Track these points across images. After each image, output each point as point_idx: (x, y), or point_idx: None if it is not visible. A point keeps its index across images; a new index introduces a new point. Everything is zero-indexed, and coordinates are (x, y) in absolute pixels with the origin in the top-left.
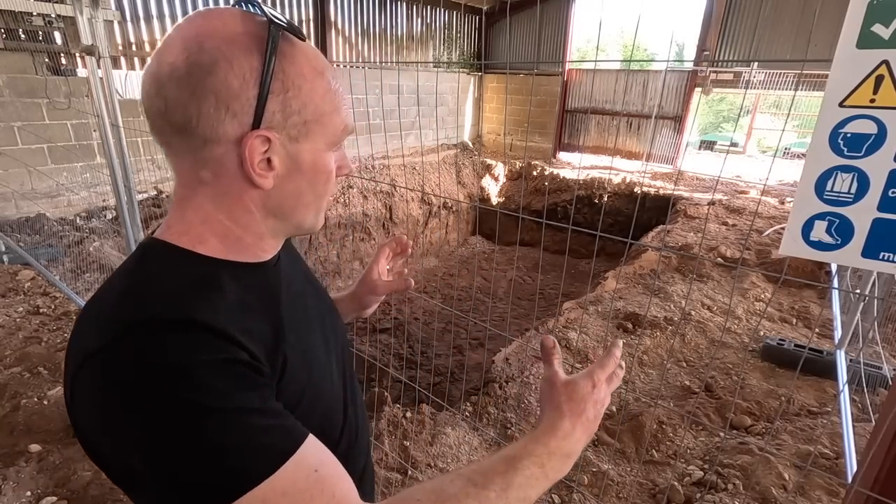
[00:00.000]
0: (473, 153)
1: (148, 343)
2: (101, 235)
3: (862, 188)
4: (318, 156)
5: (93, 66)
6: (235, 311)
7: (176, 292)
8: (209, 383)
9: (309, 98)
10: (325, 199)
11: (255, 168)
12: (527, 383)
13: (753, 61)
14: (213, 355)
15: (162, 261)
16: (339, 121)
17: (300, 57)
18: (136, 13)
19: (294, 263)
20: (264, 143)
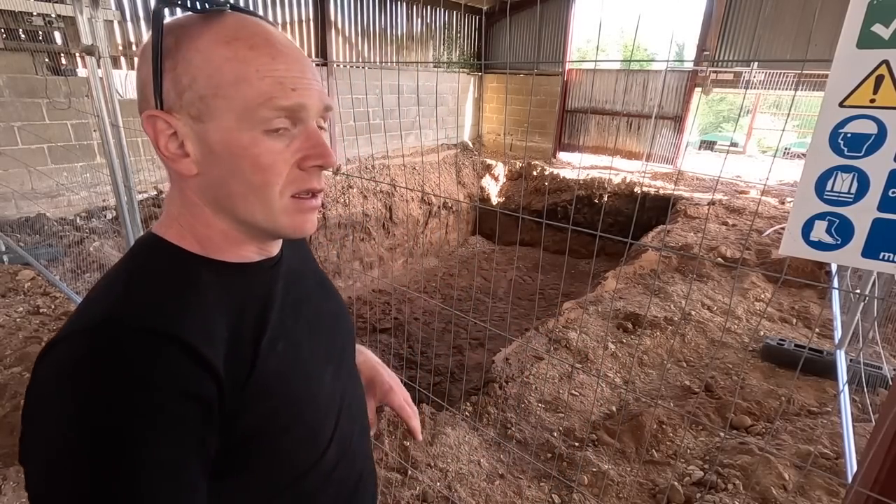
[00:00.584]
0: (473, 153)
1: (107, 344)
2: (101, 235)
3: (862, 188)
4: (230, 136)
5: (93, 66)
6: (209, 316)
7: (151, 293)
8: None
9: (200, 70)
10: (270, 193)
11: (165, 152)
12: (527, 383)
13: (753, 61)
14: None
15: (148, 255)
16: (253, 93)
17: (205, 30)
18: (136, 13)
19: (304, 264)
20: (167, 126)
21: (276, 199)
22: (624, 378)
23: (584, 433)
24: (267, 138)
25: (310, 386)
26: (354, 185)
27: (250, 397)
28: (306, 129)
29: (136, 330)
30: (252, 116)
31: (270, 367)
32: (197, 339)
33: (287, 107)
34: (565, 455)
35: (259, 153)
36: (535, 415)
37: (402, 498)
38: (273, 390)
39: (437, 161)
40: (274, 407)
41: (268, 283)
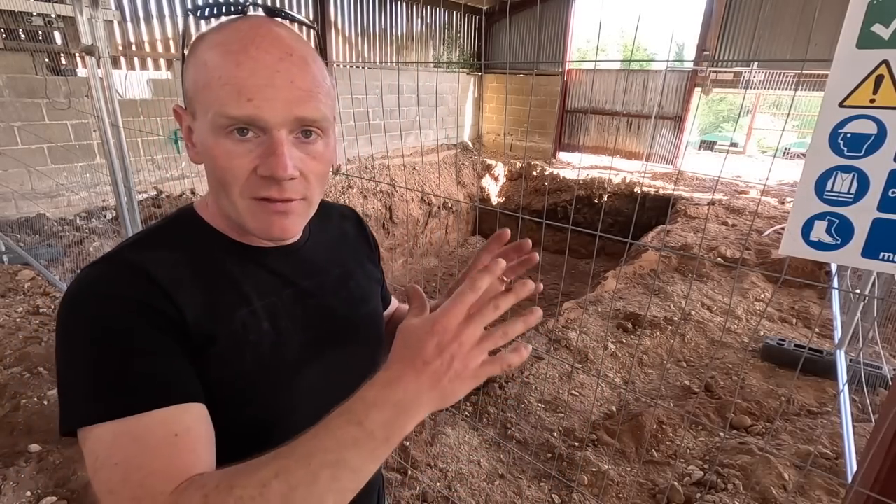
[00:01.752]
0: (473, 153)
1: (90, 272)
2: (101, 235)
3: (862, 188)
4: (204, 136)
5: (93, 66)
6: (189, 274)
7: (149, 241)
8: (109, 315)
9: (189, 73)
10: (230, 192)
11: (185, 140)
12: (527, 383)
13: (753, 61)
14: (130, 292)
15: (174, 221)
16: (212, 99)
17: (211, 34)
18: (136, 13)
19: (332, 261)
20: (183, 119)
21: (237, 199)
22: (624, 378)
23: (584, 433)
24: (227, 141)
25: (282, 371)
26: (354, 184)
27: (215, 357)
28: (271, 138)
29: (117, 261)
30: (214, 121)
31: (245, 338)
32: (164, 278)
33: (237, 117)
34: (565, 455)
35: (217, 155)
36: (535, 415)
37: (402, 498)
38: (239, 359)
39: (437, 161)
40: (228, 378)
41: (272, 268)
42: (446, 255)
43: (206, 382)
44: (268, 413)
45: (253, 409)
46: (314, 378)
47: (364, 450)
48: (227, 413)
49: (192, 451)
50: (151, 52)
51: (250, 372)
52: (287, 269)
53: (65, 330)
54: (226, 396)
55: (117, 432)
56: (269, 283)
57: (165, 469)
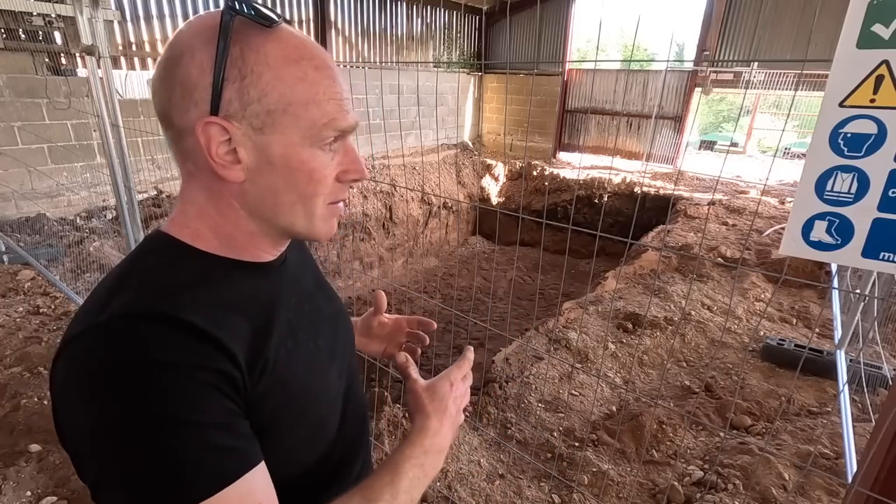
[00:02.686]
0: (473, 153)
1: (122, 335)
2: (101, 235)
3: (862, 188)
4: (292, 150)
5: (93, 66)
6: (222, 309)
7: (164, 286)
8: (174, 389)
9: (271, 86)
10: (317, 202)
11: (215, 158)
12: (527, 383)
13: (753, 61)
14: (188, 358)
15: (160, 253)
16: (319, 114)
17: (269, 44)
18: (136, 13)
19: (304, 265)
20: (222, 133)
21: (320, 207)
22: (624, 378)
23: (584, 433)
24: (322, 154)
25: (317, 384)
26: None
27: (264, 393)
28: (345, 145)
29: (148, 318)
30: (316, 135)
31: (281, 364)
32: (207, 323)
33: (345, 128)
34: (565, 455)
35: (315, 167)
36: (535, 415)
37: None
38: (283, 387)
39: (437, 161)
40: (282, 404)
41: (276, 283)
42: (446, 255)
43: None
44: (317, 424)
45: (305, 426)
46: (336, 378)
47: (423, 486)
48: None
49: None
50: (151, 52)
51: (295, 394)
52: (286, 281)
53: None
54: (281, 425)
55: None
56: (281, 298)
57: None
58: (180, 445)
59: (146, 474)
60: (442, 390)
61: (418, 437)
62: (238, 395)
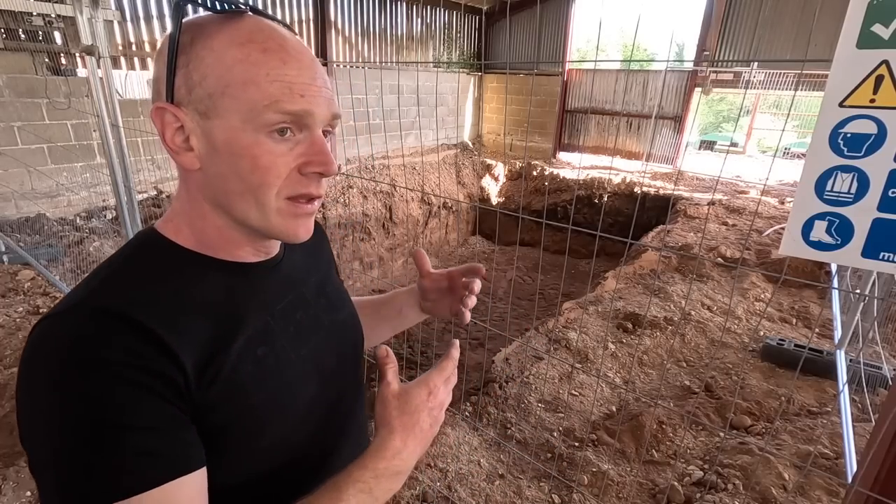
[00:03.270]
0: (473, 153)
1: (69, 327)
2: (101, 235)
3: (862, 188)
4: (233, 135)
5: (93, 66)
6: (183, 309)
7: (127, 282)
8: (103, 389)
9: (211, 69)
10: (266, 193)
11: (170, 144)
12: (527, 383)
13: (753, 61)
14: (125, 358)
15: (140, 248)
16: (260, 95)
17: (218, 29)
18: (136, 13)
19: (309, 270)
20: (175, 120)
21: (272, 200)
22: (624, 378)
23: (583, 433)
24: (269, 140)
25: (285, 395)
26: (354, 185)
27: (218, 396)
28: (311, 136)
29: (96, 311)
30: (256, 118)
31: (244, 369)
32: (156, 323)
33: (293, 111)
34: (565, 455)
35: (258, 154)
36: (535, 415)
37: (402, 498)
38: (241, 395)
39: (437, 161)
40: (239, 412)
41: (259, 285)
42: (446, 255)
43: (213, 425)
44: (282, 436)
45: (266, 437)
46: (315, 390)
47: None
48: (241, 446)
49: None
50: (151, 52)
51: (256, 404)
52: (274, 285)
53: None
54: (237, 433)
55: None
56: (260, 302)
57: None
58: (99, 446)
59: (65, 469)
60: (416, 400)
61: (372, 458)
62: (180, 399)
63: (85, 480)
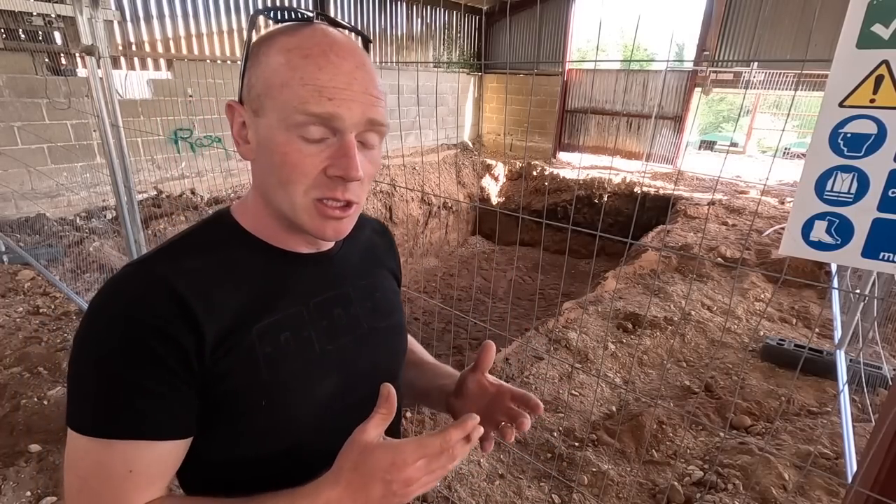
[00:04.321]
0: (473, 153)
1: (119, 280)
2: (101, 235)
3: (862, 188)
4: (271, 132)
5: (93, 66)
6: (220, 282)
7: (179, 249)
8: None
9: (261, 72)
10: (294, 190)
11: (235, 136)
12: (527, 383)
13: (753, 61)
14: (153, 317)
15: (209, 223)
16: (291, 97)
17: (279, 37)
18: (136, 13)
19: (364, 272)
20: (238, 115)
21: (299, 197)
22: (624, 378)
23: (584, 433)
24: (299, 140)
25: (300, 382)
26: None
27: (230, 367)
28: (341, 140)
29: (146, 270)
30: (288, 118)
31: (262, 349)
32: (190, 292)
33: (318, 113)
34: (565, 455)
35: (288, 152)
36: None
37: None
38: (252, 373)
39: (437, 161)
40: (245, 389)
41: (300, 275)
42: (446, 255)
43: (221, 394)
44: (285, 422)
45: (266, 418)
46: (333, 388)
47: None
48: (241, 422)
49: (142, 489)
50: (151, 52)
51: (264, 383)
52: (317, 278)
53: (83, 330)
54: (239, 407)
55: (88, 448)
56: (298, 291)
57: (111, 499)
58: (98, 381)
59: (71, 386)
60: (373, 464)
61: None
62: (186, 368)
63: (79, 405)
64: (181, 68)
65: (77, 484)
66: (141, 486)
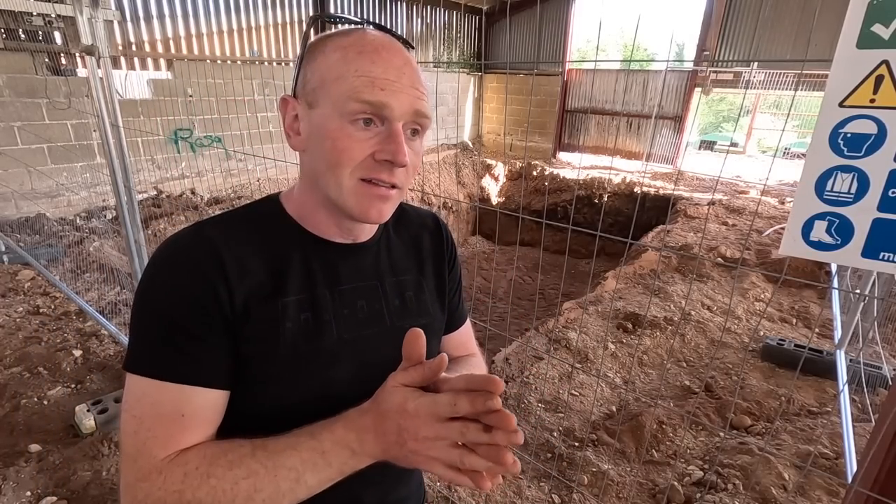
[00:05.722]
0: (473, 153)
1: (180, 238)
2: (101, 235)
3: (862, 188)
4: (324, 121)
5: (93, 66)
6: (258, 256)
7: (232, 222)
8: (180, 289)
9: (317, 67)
10: (342, 172)
11: (287, 128)
12: (527, 383)
13: (753, 61)
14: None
15: (259, 203)
16: (345, 87)
17: (334, 38)
18: (136, 13)
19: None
20: (292, 108)
21: (346, 178)
22: (624, 378)
23: (584, 433)
24: (351, 127)
25: (311, 364)
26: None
27: (251, 333)
28: (390, 128)
29: (199, 233)
30: (342, 107)
31: (284, 324)
32: (229, 258)
33: (370, 101)
34: (565, 455)
35: (339, 137)
36: (535, 415)
37: None
38: (273, 341)
39: (437, 161)
40: (266, 355)
41: (332, 261)
42: None
43: (239, 356)
44: (290, 394)
45: (279, 388)
46: (346, 376)
47: (322, 475)
48: (254, 387)
49: (191, 431)
50: (151, 52)
51: (280, 355)
52: (347, 268)
53: (143, 282)
54: (255, 371)
55: (145, 390)
56: (326, 276)
57: (165, 438)
58: (156, 329)
59: (133, 333)
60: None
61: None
62: (223, 319)
63: (139, 346)
64: (181, 68)
65: (133, 424)
66: (191, 429)
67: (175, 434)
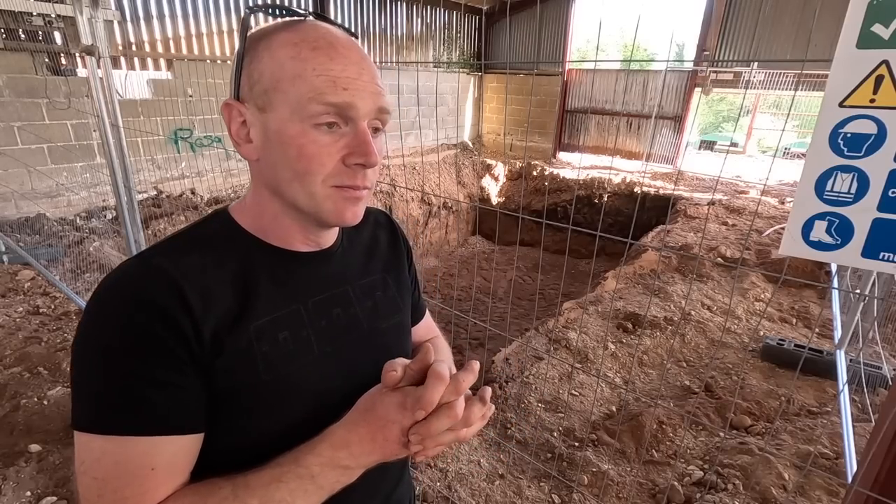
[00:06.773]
0: (473, 153)
1: (124, 271)
2: (101, 235)
3: (862, 188)
4: (283, 126)
5: (93, 66)
6: (219, 280)
7: (181, 244)
8: (131, 328)
9: (267, 66)
10: (312, 180)
11: (234, 136)
12: (527, 383)
13: (753, 61)
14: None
15: (208, 221)
16: (306, 88)
17: (279, 32)
18: (136, 13)
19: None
20: (238, 114)
21: (318, 187)
22: (624, 378)
23: (584, 433)
24: (314, 131)
25: (298, 382)
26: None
27: (226, 365)
28: (356, 128)
29: (147, 263)
30: (303, 110)
31: (260, 348)
32: (188, 286)
33: (335, 103)
34: (565, 455)
35: (304, 143)
36: (535, 415)
37: None
38: (252, 370)
39: (437, 161)
40: (246, 385)
41: (300, 273)
42: (446, 255)
43: (215, 392)
44: (282, 419)
45: (268, 416)
46: (334, 390)
47: (313, 499)
48: (239, 420)
49: (165, 484)
50: (151, 52)
51: (262, 383)
52: (317, 277)
53: (85, 327)
54: (238, 404)
55: (105, 448)
56: (297, 289)
57: (136, 499)
58: (108, 377)
59: (79, 385)
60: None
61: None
62: (190, 357)
63: (89, 403)
64: (181, 68)
65: (96, 488)
66: (164, 483)
67: (148, 491)
